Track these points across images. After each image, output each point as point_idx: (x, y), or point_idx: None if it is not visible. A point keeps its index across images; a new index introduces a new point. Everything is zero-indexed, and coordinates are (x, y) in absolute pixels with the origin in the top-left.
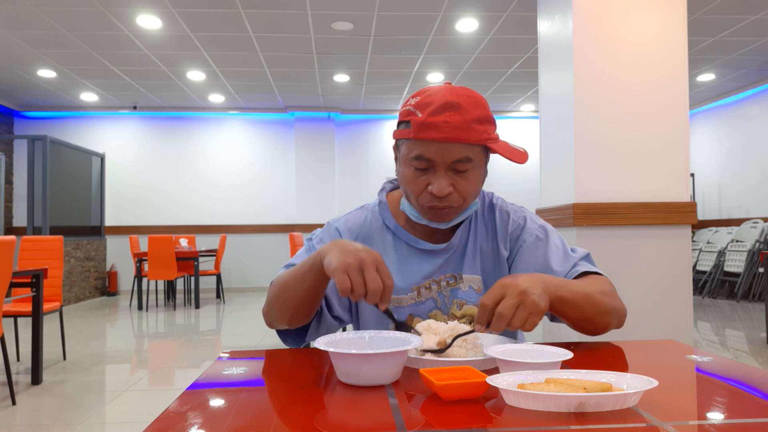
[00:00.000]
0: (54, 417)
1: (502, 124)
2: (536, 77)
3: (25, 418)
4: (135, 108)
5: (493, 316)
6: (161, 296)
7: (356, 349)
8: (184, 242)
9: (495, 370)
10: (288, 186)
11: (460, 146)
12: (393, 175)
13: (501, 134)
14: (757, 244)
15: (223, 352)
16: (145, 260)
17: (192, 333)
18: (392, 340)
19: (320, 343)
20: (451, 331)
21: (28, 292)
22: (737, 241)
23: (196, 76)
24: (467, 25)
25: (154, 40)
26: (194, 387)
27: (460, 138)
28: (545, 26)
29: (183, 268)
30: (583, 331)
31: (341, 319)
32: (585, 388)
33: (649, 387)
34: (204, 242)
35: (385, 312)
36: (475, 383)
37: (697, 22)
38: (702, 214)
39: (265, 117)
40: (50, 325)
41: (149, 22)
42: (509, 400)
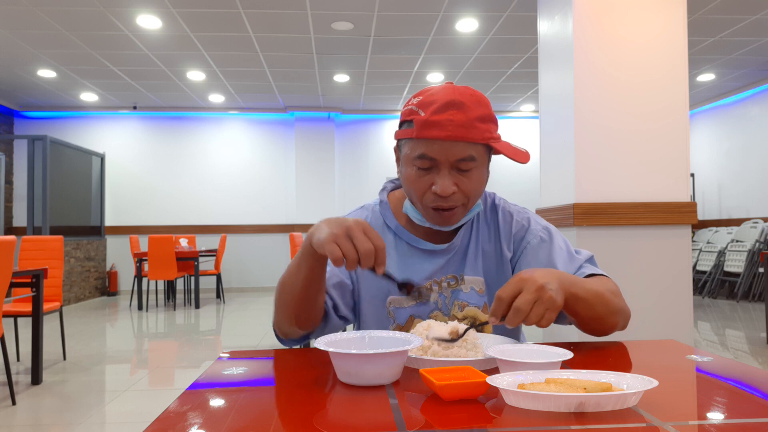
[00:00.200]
0: (54, 417)
1: (503, 124)
2: (536, 77)
3: (25, 418)
4: (135, 108)
5: (510, 309)
6: (161, 296)
7: (356, 349)
8: (184, 242)
9: (495, 370)
10: (288, 186)
11: (463, 145)
12: (393, 174)
13: (502, 134)
14: (757, 244)
15: (223, 352)
16: (145, 260)
17: (192, 333)
18: (392, 340)
19: (320, 343)
20: (451, 330)
21: (28, 292)
22: (737, 241)
23: (196, 76)
24: (467, 25)
25: (154, 40)
26: (194, 387)
27: (463, 136)
28: (545, 26)
29: (183, 268)
30: (589, 331)
31: (347, 319)
32: (585, 388)
33: (649, 387)
34: (204, 242)
35: (384, 276)
36: (475, 383)
37: (697, 22)
38: (702, 214)
39: (265, 117)
40: (50, 325)
41: (149, 22)
42: (509, 400)
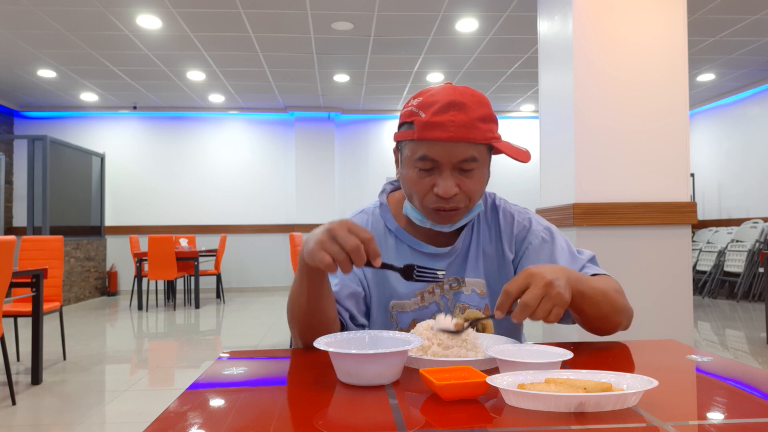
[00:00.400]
0: (54, 417)
1: (503, 124)
2: (536, 77)
3: (25, 418)
4: (135, 108)
5: (517, 304)
6: (161, 296)
7: (356, 349)
8: (184, 242)
9: (495, 370)
10: (288, 186)
11: (465, 145)
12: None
13: (502, 134)
14: (757, 244)
15: (223, 352)
16: (145, 260)
17: (192, 333)
18: (392, 340)
19: (320, 343)
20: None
21: (28, 292)
22: (737, 241)
23: (196, 76)
24: (467, 25)
25: (154, 40)
26: (194, 387)
27: (465, 137)
28: (545, 26)
29: (183, 268)
30: (593, 330)
31: (364, 326)
32: (585, 388)
33: (649, 387)
34: (204, 242)
35: (383, 267)
36: (475, 383)
37: (697, 22)
38: (702, 214)
39: (265, 117)
40: (50, 325)
41: (149, 22)
42: (509, 400)
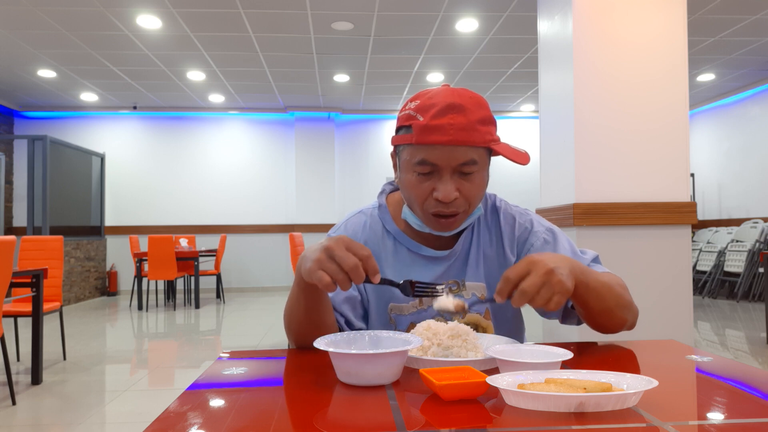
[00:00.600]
0: (54, 417)
1: (502, 124)
2: (536, 77)
3: (25, 418)
4: (135, 108)
5: (516, 290)
6: (161, 296)
7: (356, 349)
8: (184, 242)
9: (495, 370)
10: (288, 186)
11: (465, 149)
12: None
13: (501, 135)
14: (757, 244)
15: (223, 352)
16: (145, 260)
17: (192, 333)
18: (392, 340)
19: (320, 343)
20: (451, 331)
21: (28, 292)
22: (737, 241)
23: (196, 76)
24: (467, 25)
25: (154, 40)
26: (194, 387)
27: (465, 140)
28: (545, 26)
29: (183, 268)
30: (598, 326)
31: (362, 330)
32: (585, 388)
33: (649, 387)
34: (204, 242)
35: (382, 282)
36: (475, 383)
37: (697, 22)
38: (702, 214)
39: (265, 117)
40: (50, 325)
41: (149, 22)
42: (509, 400)
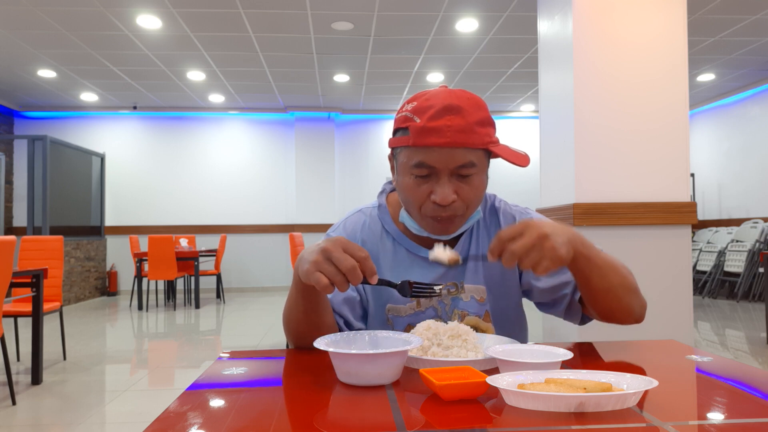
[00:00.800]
0: (54, 417)
1: (502, 124)
2: (536, 77)
3: (25, 418)
4: (135, 108)
5: (506, 251)
6: (161, 296)
7: (356, 349)
8: (184, 242)
9: (495, 370)
10: (288, 186)
11: (463, 151)
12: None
13: (501, 135)
14: (757, 244)
15: (223, 352)
16: (145, 260)
17: (192, 333)
18: (392, 340)
19: (320, 343)
20: (451, 331)
21: (28, 292)
22: (737, 241)
23: (196, 76)
24: (467, 25)
25: (154, 40)
26: (194, 387)
27: (463, 142)
28: (545, 26)
29: (183, 268)
30: (602, 310)
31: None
32: (585, 388)
33: (649, 387)
34: (204, 242)
35: (379, 283)
36: (475, 383)
37: (697, 22)
38: (702, 214)
39: (265, 117)
40: (50, 325)
41: (149, 22)
42: (509, 400)
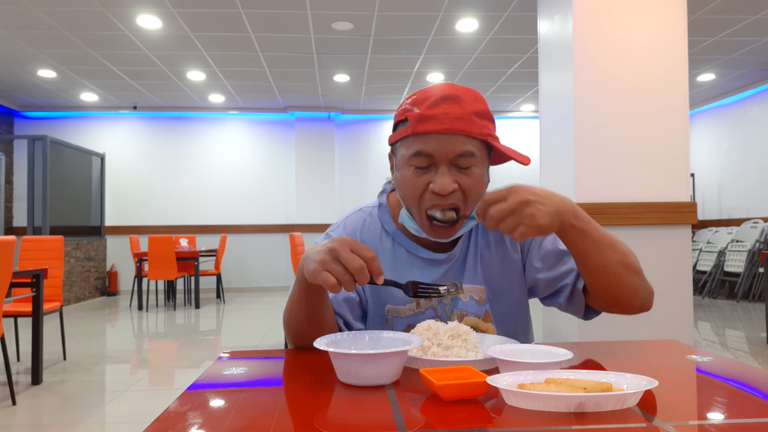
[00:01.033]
0: (54, 417)
1: (502, 124)
2: (536, 77)
3: (25, 418)
4: (135, 108)
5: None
6: (161, 296)
7: (356, 349)
8: (184, 242)
9: (495, 370)
10: (288, 186)
11: (462, 139)
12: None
13: (501, 135)
14: (757, 244)
15: (223, 352)
16: (145, 260)
17: (192, 333)
18: (392, 340)
19: (320, 343)
20: (451, 331)
21: (28, 292)
22: (737, 241)
23: (196, 76)
24: (467, 25)
25: (154, 40)
26: (194, 387)
27: (461, 129)
28: (545, 26)
29: (183, 268)
30: (603, 291)
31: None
32: (585, 388)
33: (649, 387)
34: (204, 242)
35: (385, 284)
36: (475, 383)
37: (697, 22)
38: (702, 214)
39: (265, 117)
40: (50, 325)
41: (149, 22)
42: (509, 400)
